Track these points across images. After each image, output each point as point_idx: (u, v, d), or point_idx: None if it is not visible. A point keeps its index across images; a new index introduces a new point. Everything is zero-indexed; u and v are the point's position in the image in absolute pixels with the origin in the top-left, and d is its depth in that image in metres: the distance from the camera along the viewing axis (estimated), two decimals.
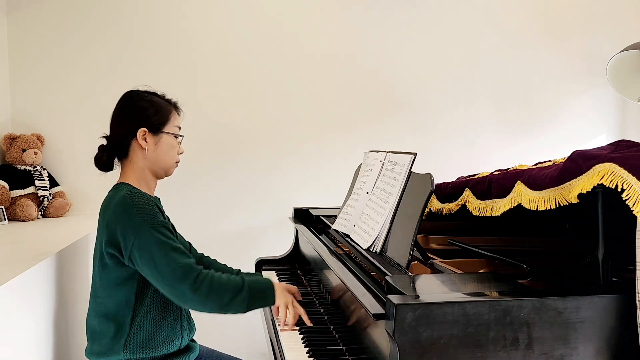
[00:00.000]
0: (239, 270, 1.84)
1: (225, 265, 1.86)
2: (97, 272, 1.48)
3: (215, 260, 1.86)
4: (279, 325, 1.55)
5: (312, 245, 1.89)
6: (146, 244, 1.38)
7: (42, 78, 2.60)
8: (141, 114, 1.54)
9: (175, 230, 1.60)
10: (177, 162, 1.61)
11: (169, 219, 1.59)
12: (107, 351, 1.46)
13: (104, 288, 1.46)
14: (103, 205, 1.51)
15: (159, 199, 1.62)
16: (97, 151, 1.58)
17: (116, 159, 1.58)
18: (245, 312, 1.43)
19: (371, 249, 1.52)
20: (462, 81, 2.98)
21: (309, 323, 1.50)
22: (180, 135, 1.61)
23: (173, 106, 1.61)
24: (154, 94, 1.61)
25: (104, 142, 1.59)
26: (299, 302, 1.55)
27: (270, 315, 1.75)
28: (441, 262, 1.52)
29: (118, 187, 1.53)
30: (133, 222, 1.39)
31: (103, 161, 1.57)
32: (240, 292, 1.41)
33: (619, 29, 3.07)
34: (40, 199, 2.45)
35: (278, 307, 1.51)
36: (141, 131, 1.52)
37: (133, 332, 1.45)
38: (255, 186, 2.79)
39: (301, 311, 1.51)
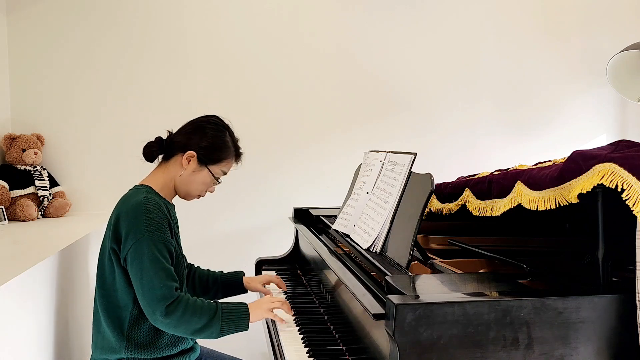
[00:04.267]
0: (222, 271, 1.87)
1: (207, 270, 1.87)
2: (106, 265, 1.50)
3: (198, 267, 1.87)
4: (280, 324, 1.56)
5: (312, 245, 1.89)
6: (141, 253, 1.40)
7: (42, 78, 2.60)
8: (202, 140, 1.56)
9: (178, 237, 1.61)
10: (200, 197, 1.64)
11: (176, 224, 1.60)
12: (109, 349, 1.48)
13: (110, 283, 1.48)
14: (120, 201, 1.53)
15: (173, 205, 1.64)
16: (153, 138, 1.60)
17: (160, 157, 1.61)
18: (217, 337, 1.45)
19: (371, 249, 1.52)
20: (462, 81, 2.97)
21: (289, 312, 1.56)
22: (219, 181, 1.63)
23: (236, 154, 1.64)
24: (230, 133, 1.63)
25: (165, 135, 1.62)
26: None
27: None
28: (441, 262, 1.52)
29: (140, 188, 1.54)
30: (138, 228, 1.41)
31: (151, 151, 1.58)
32: (212, 320, 1.42)
33: (619, 29, 3.07)
34: (40, 199, 2.45)
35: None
36: (189, 153, 1.54)
37: (132, 334, 1.47)
38: (255, 186, 2.79)
39: (279, 303, 1.54)
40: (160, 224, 1.44)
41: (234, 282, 1.85)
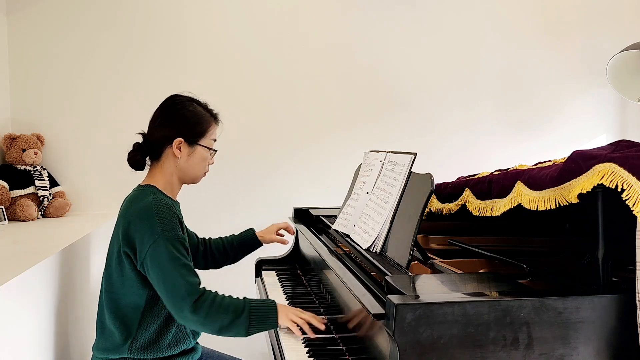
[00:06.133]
0: (232, 235, 1.93)
1: (219, 238, 1.92)
2: (114, 267, 1.49)
3: (210, 238, 1.91)
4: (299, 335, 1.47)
5: (312, 245, 1.89)
6: (159, 254, 1.39)
7: (42, 78, 2.60)
8: (181, 123, 1.54)
9: (185, 232, 1.61)
10: (206, 173, 1.63)
11: (183, 222, 1.61)
12: (113, 349, 1.48)
13: (119, 285, 1.48)
14: (125, 202, 1.53)
15: (178, 203, 1.63)
16: (131, 148, 1.57)
17: (147, 159, 1.59)
18: (245, 336, 1.42)
19: (371, 249, 1.52)
20: (462, 81, 2.98)
21: (321, 326, 1.45)
22: (214, 150, 1.61)
23: (213, 118, 1.61)
24: (197, 102, 1.61)
25: (140, 138, 1.59)
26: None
27: None
28: (441, 262, 1.52)
29: (145, 189, 1.53)
30: (152, 230, 1.40)
31: (136, 160, 1.56)
32: (240, 317, 1.39)
33: (619, 29, 3.07)
34: (40, 199, 2.45)
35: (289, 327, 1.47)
36: (177, 141, 1.52)
37: (139, 335, 1.47)
38: (256, 186, 2.79)
39: (307, 317, 1.46)
40: (173, 223, 1.44)
41: (249, 241, 1.92)
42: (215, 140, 1.62)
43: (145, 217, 1.42)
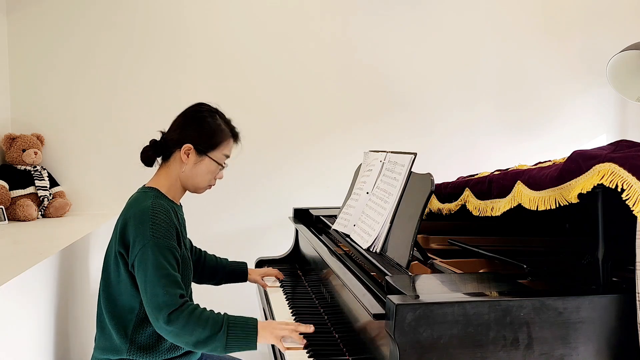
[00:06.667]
0: (226, 259, 1.94)
1: (214, 255, 1.94)
2: (111, 267, 1.49)
3: (206, 252, 1.93)
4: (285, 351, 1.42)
5: (312, 245, 1.89)
6: (146, 259, 1.39)
7: (42, 78, 2.60)
8: (195, 131, 1.54)
9: (185, 240, 1.61)
10: (211, 186, 1.62)
11: (184, 226, 1.61)
12: (112, 349, 1.48)
13: (115, 285, 1.48)
14: (127, 205, 1.53)
15: (181, 206, 1.63)
16: (153, 139, 1.58)
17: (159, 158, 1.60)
18: (223, 353, 1.38)
19: (371, 249, 1.52)
20: (462, 81, 2.97)
21: (309, 330, 1.42)
22: (224, 166, 1.61)
23: (232, 135, 1.61)
24: (221, 115, 1.61)
25: (159, 136, 1.60)
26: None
27: (270, 316, 1.76)
28: (441, 262, 1.52)
29: (147, 191, 1.53)
30: (144, 234, 1.40)
31: (148, 155, 1.57)
32: (218, 333, 1.35)
33: (619, 29, 3.07)
34: (40, 199, 2.45)
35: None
36: (186, 146, 1.53)
37: (136, 337, 1.47)
38: (255, 186, 2.79)
39: (293, 326, 1.43)
40: (167, 230, 1.43)
41: (239, 273, 1.95)
42: (228, 156, 1.61)
43: (140, 221, 1.42)
